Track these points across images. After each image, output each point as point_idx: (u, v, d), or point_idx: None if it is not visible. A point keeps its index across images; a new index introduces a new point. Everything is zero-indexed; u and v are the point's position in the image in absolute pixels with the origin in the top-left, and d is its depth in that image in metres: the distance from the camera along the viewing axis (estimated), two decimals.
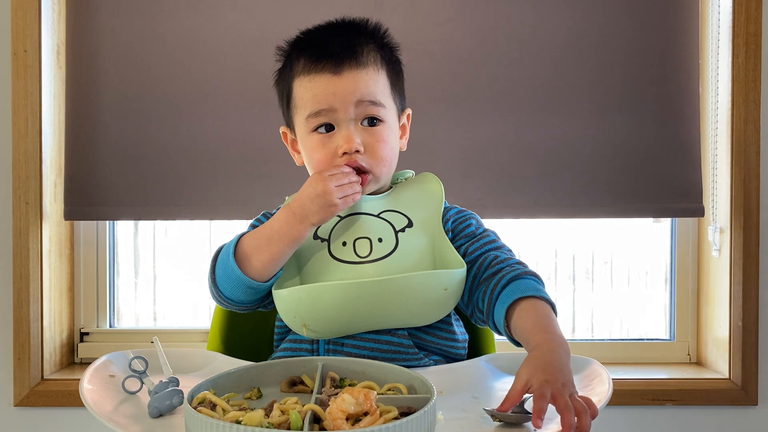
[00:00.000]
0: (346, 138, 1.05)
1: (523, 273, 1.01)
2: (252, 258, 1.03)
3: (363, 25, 1.12)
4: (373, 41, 1.10)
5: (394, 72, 1.13)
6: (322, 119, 1.07)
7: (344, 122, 1.06)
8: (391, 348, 1.04)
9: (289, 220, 1.03)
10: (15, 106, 1.68)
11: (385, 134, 1.08)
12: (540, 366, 0.82)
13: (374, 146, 1.07)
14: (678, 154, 1.73)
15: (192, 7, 1.73)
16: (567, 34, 1.73)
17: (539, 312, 0.95)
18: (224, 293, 1.06)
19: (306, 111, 1.08)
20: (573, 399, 0.77)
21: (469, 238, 1.10)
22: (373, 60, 1.08)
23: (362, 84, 1.06)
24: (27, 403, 1.70)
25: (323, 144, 1.07)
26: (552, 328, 0.91)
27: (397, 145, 1.13)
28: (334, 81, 1.05)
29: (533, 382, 0.79)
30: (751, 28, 1.67)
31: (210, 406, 0.78)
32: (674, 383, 1.72)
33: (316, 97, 1.06)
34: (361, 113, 1.06)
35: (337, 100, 1.05)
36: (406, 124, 1.17)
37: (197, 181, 1.73)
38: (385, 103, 1.09)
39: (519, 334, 0.95)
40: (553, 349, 0.86)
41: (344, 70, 1.05)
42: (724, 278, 1.73)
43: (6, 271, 1.71)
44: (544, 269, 1.91)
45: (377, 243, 1.05)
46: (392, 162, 1.11)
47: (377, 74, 1.08)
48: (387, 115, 1.09)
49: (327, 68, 1.06)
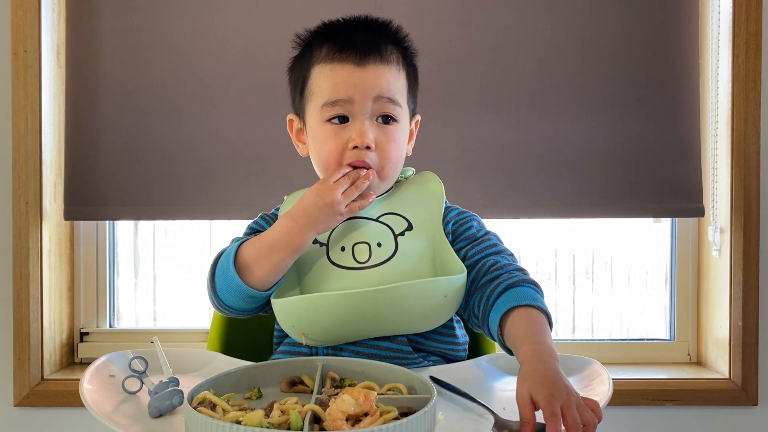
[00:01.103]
0: (360, 132, 1.04)
1: (522, 281, 0.99)
2: (253, 268, 1.01)
3: (387, 24, 1.12)
4: (395, 42, 1.10)
5: (413, 76, 1.13)
6: (338, 109, 1.05)
7: (359, 115, 1.05)
8: (390, 354, 1.04)
9: (292, 230, 1.01)
10: (15, 106, 1.68)
11: (398, 135, 1.07)
12: (538, 380, 0.80)
13: (385, 145, 1.06)
14: (678, 154, 1.73)
15: (192, 8, 1.73)
16: (567, 34, 1.73)
17: (532, 321, 0.93)
18: (224, 302, 1.05)
19: (322, 99, 1.06)
20: (581, 410, 0.76)
21: (469, 240, 1.09)
22: (396, 60, 1.08)
23: (384, 80, 1.05)
24: (27, 403, 1.70)
25: (335, 135, 1.05)
26: (541, 338, 0.89)
27: (405, 149, 1.12)
28: (357, 72, 1.04)
29: (538, 399, 0.77)
30: (751, 28, 1.67)
31: (210, 406, 0.78)
32: (674, 383, 1.72)
33: (336, 86, 1.04)
34: (377, 109, 1.05)
35: (357, 91, 1.04)
36: (414, 130, 1.17)
37: (197, 181, 1.73)
38: (401, 103, 1.08)
39: (510, 341, 0.93)
40: (543, 359, 0.84)
41: (368, 62, 1.04)
42: (724, 278, 1.73)
43: (6, 271, 1.71)
44: (544, 269, 1.91)
45: (376, 248, 1.04)
46: (399, 164, 1.10)
47: (398, 73, 1.08)
48: (401, 116, 1.08)
49: (351, 58, 1.04)
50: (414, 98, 1.14)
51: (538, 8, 1.72)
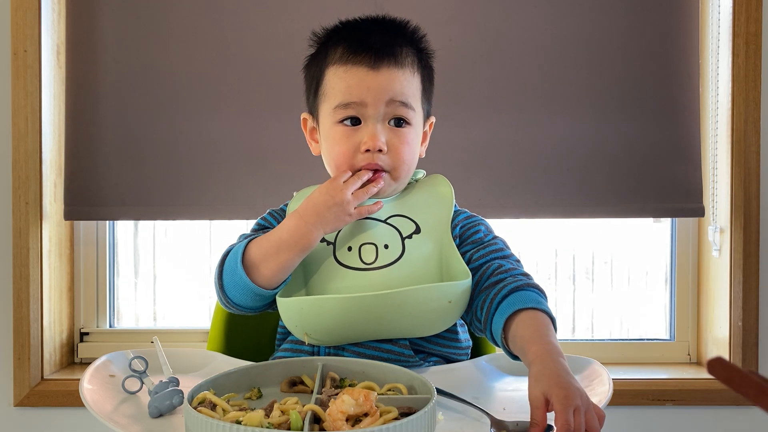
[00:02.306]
0: (371, 135, 1.04)
1: (526, 285, 0.98)
2: (261, 266, 1.01)
3: (404, 25, 1.11)
4: (411, 44, 1.09)
5: (428, 78, 1.13)
6: (350, 112, 1.05)
7: (372, 118, 1.05)
8: (392, 357, 1.04)
9: (300, 229, 1.01)
10: (15, 106, 1.68)
11: (410, 137, 1.07)
12: (553, 380, 0.78)
13: (398, 148, 1.06)
14: (678, 154, 1.73)
15: (192, 8, 1.73)
16: (567, 34, 1.73)
17: (539, 323, 0.92)
18: (233, 300, 1.05)
19: (335, 101, 1.06)
20: (588, 416, 0.75)
21: (476, 244, 1.08)
22: (411, 62, 1.07)
23: (397, 83, 1.05)
24: (27, 403, 1.70)
25: (347, 137, 1.06)
26: (549, 339, 0.89)
27: (418, 151, 1.12)
28: (370, 75, 1.04)
29: (553, 400, 0.76)
30: (751, 28, 1.67)
31: (210, 406, 0.78)
32: (674, 383, 1.72)
33: (349, 88, 1.05)
34: (390, 112, 1.05)
35: (370, 95, 1.04)
36: (428, 132, 1.16)
37: (197, 181, 1.73)
38: (414, 106, 1.08)
39: (516, 344, 0.92)
40: (554, 359, 0.83)
41: (382, 66, 1.04)
42: (724, 278, 1.73)
43: (6, 271, 1.71)
44: (544, 269, 1.91)
45: (383, 249, 1.04)
46: (412, 166, 1.10)
47: (413, 76, 1.08)
48: (414, 119, 1.08)
49: (365, 61, 1.04)
50: (428, 100, 1.14)
51: (538, 8, 1.72)
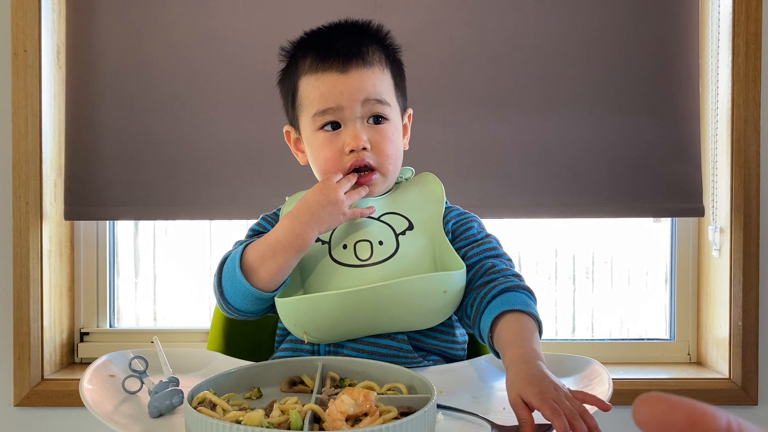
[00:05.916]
0: (353, 135, 1.06)
1: (516, 286, 1.00)
2: (259, 270, 1.02)
3: (366, 26, 1.13)
4: (376, 42, 1.11)
5: (398, 72, 1.15)
6: (328, 117, 1.07)
7: (351, 120, 1.07)
8: (391, 352, 1.04)
9: (295, 229, 1.02)
10: (15, 106, 1.68)
11: (391, 132, 1.09)
12: (525, 380, 0.80)
13: (380, 144, 1.08)
14: (678, 154, 1.73)
15: (192, 8, 1.73)
16: (567, 34, 1.73)
17: (522, 327, 0.94)
18: (234, 306, 1.06)
19: (313, 109, 1.08)
20: (570, 401, 0.77)
21: (469, 241, 1.10)
22: (378, 60, 1.09)
23: (369, 83, 1.07)
24: (27, 403, 1.70)
25: (330, 142, 1.08)
26: (528, 343, 0.89)
27: (401, 144, 1.14)
28: (341, 79, 1.06)
29: (529, 399, 0.77)
30: (751, 28, 1.67)
31: (210, 406, 0.78)
32: (674, 383, 1.72)
33: (323, 95, 1.07)
34: (367, 111, 1.07)
35: (344, 98, 1.06)
36: (408, 124, 1.19)
37: (197, 181, 1.73)
38: (390, 101, 1.10)
39: (498, 345, 0.94)
40: (527, 361, 0.85)
41: (351, 68, 1.06)
42: (724, 278, 1.73)
43: (6, 271, 1.71)
44: (544, 269, 1.91)
45: (378, 246, 1.06)
46: (398, 160, 1.12)
47: (382, 74, 1.10)
48: (392, 114, 1.10)
49: (334, 67, 1.06)
50: (403, 94, 1.16)
51: (538, 8, 1.72)
